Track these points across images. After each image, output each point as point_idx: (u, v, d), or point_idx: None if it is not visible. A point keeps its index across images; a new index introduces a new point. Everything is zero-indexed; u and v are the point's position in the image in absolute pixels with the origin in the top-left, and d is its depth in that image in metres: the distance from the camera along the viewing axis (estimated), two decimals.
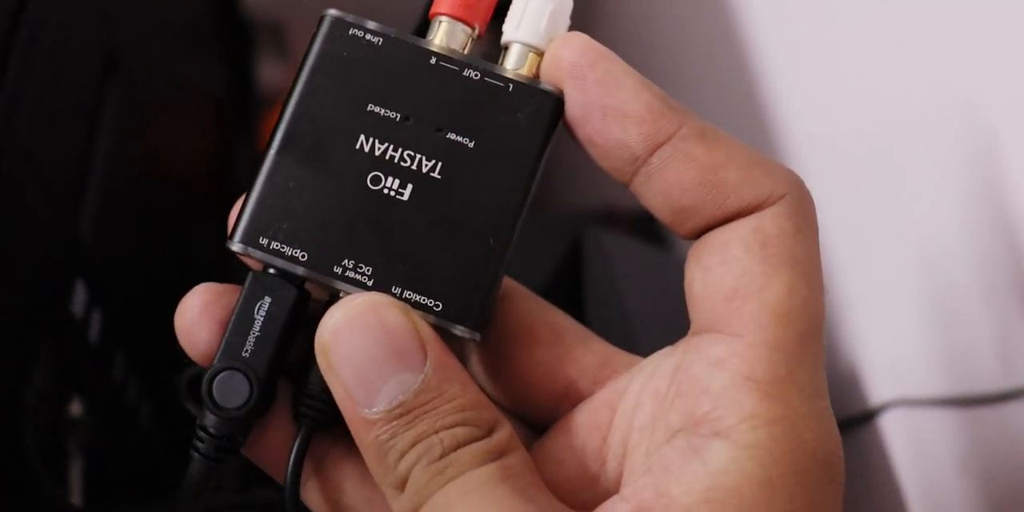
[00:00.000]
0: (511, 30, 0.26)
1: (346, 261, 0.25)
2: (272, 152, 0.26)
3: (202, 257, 0.56)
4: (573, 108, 0.25)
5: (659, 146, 0.25)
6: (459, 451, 0.24)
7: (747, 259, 0.24)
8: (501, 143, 0.26)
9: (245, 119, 0.75)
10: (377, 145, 0.25)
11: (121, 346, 0.39)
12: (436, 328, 0.25)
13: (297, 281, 0.26)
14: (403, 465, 0.24)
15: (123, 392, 0.40)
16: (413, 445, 0.24)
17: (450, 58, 0.26)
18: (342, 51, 0.26)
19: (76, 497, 0.39)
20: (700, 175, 0.25)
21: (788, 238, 0.24)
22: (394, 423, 0.24)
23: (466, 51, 0.26)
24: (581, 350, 0.28)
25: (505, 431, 0.24)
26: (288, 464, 0.26)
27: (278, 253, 0.25)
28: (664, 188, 0.25)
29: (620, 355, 0.28)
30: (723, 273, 0.24)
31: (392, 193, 0.25)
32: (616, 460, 0.26)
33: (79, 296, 0.35)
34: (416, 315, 0.25)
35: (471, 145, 0.26)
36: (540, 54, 0.26)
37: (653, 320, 0.40)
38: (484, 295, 0.26)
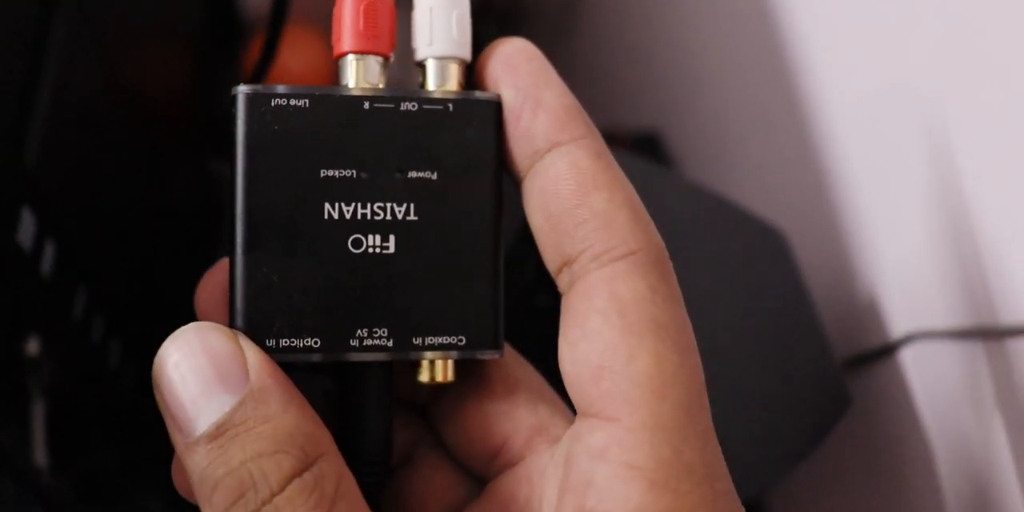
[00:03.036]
0: (424, 46, 0.26)
1: (359, 331, 0.25)
2: (240, 251, 0.24)
3: (176, 186, 0.54)
4: (507, 98, 0.25)
5: (557, 146, 0.25)
6: (276, 498, 0.22)
7: (607, 331, 0.23)
8: (460, 164, 0.25)
9: (227, 47, 0.72)
10: (345, 209, 0.25)
11: (81, 282, 0.36)
12: (464, 359, 0.25)
13: (316, 366, 0.25)
14: (217, 499, 0.22)
15: (86, 330, 0.37)
16: (228, 474, 0.22)
17: (382, 98, 0.25)
18: (272, 125, 0.24)
19: (39, 439, 0.37)
20: (574, 186, 0.24)
21: (646, 302, 0.23)
22: (211, 447, 0.22)
23: (384, 80, 0.26)
24: (525, 409, 0.26)
25: (329, 464, 0.23)
26: None
27: (290, 350, 0.24)
28: (542, 186, 0.25)
29: (559, 420, 0.26)
30: (587, 350, 0.23)
31: (378, 250, 0.25)
32: None
33: (27, 226, 0.32)
34: (244, 339, 0.23)
35: (434, 177, 0.25)
36: (459, 62, 0.26)
37: None
38: (496, 316, 0.25)
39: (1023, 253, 0.34)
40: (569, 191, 0.24)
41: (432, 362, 0.26)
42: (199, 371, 0.23)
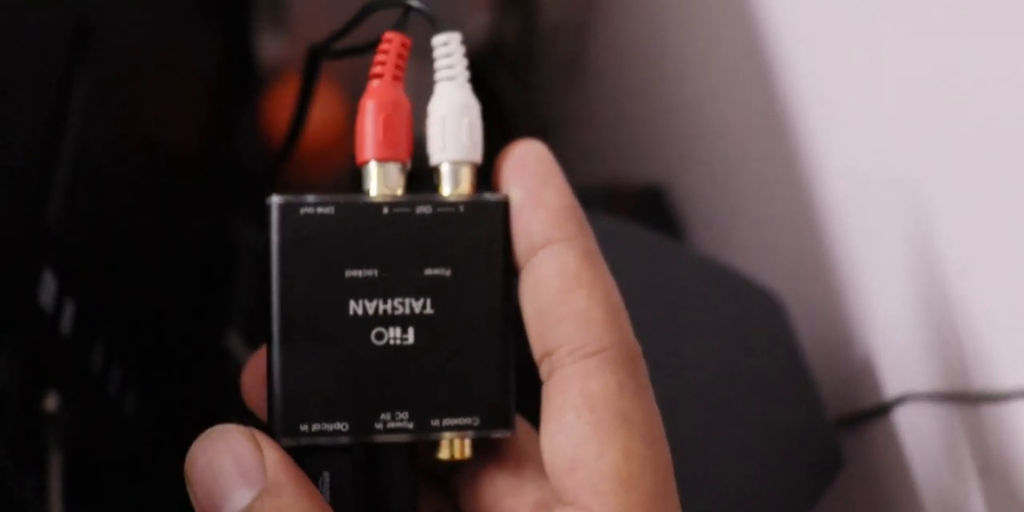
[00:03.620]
0: (438, 152, 0.28)
1: (383, 415, 0.27)
2: (276, 345, 0.27)
3: (196, 235, 0.55)
4: (513, 196, 0.28)
5: (551, 243, 0.27)
6: None
7: (580, 426, 0.25)
8: (472, 261, 0.28)
9: (245, 94, 0.74)
10: (367, 305, 0.27)
11: (99, 336, 0.37)
12: (479, 437, 0.28)
13: (345, 447, 0.28)
14: None
15: (103, 383, 0.38)
16: None
17: (399, 203, 0.28)
18: (301, 232, 0.27)
19: (55, 493, 0.38)
20: (560, 283, 0.26)
21: (614, 397, 0.25)
22: None
23: (403, 183, 0.28)
24: (533, 485, 0.28)
25: None
26: None
27: (321, 433, 0.27)
28: (534, 280, 0.27)
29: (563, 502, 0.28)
30: (563, 442, 0.26)
31: (398, 341, 0.27)
32: None
33: (47, 286, 0.33)
34: (264, 438, 0.26)
35: (448, 274, 0.28)
36: (471, 165, 0.28)
37: (656, 316, 0.38)
38: (507, 397, 0.28)
39: (1005, 320, 0.35)
40: (555, 288, 0.27)
41: (452, 441, 0.28)
42: (223, 468, 0.26)
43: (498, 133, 0.30)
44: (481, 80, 0.29)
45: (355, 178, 0.29)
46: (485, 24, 0.82)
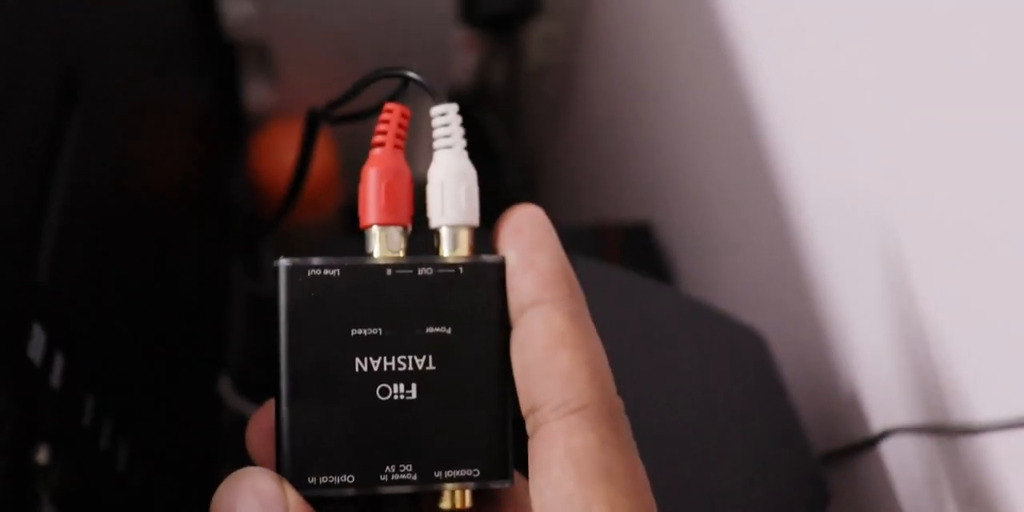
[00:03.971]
0: (437, 216, 0.29)
1: (388, 468, 0.28)
2: (284, 401, 0.28)
3: (188, 280, 0.55)
4: (508, 258, 0.29)
5: (539, 304, 0.28)
6: None
7: (566, 481, 0.26)
8: (471, 319, 0.29)
9: (233, 141, 0.74)
10: (372, 362, 0.28)
11: (89, 388, 0.38)
12: (479, 489, 0.29)
13: (351, 499, 0.28)
14: None
15: (95, 436, 0.39)
16: None
17: (402, 265, 0.29)
18: (309, 292, 0.28)
19: None
20: (546, 342, 0.27)
21: (596, 452, 0.26)
22: None
23: (405, 245, 0.29)
24: None
25: None
26: None
27: (328, 486, 0.28)
28: (522, 338, 0.28)
29: None
30: (552, 498, 0.26)
31: (402, 397, 0.28)
32: None
33: (37, 340, 0.33)
34: (286, 483, 0.27)
35: (449, 331, 0.29)
36: (469, 228, 0.29)
37: (640, 356, 0.39)
38: (507, 450, 0.29)
39: (982, 354, 0.35)
40: (541, 346, 0.28)
41: (453, 492, 0.29)
42: (249, 506, 0.27)
43: (487, 173, 0.31)
44: (469, 120, 0.30)
45: (346, 217, 0.30)
46: (472, 65, 0.83)
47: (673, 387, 0.38)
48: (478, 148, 0.31)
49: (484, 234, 0.30)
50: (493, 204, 0.31)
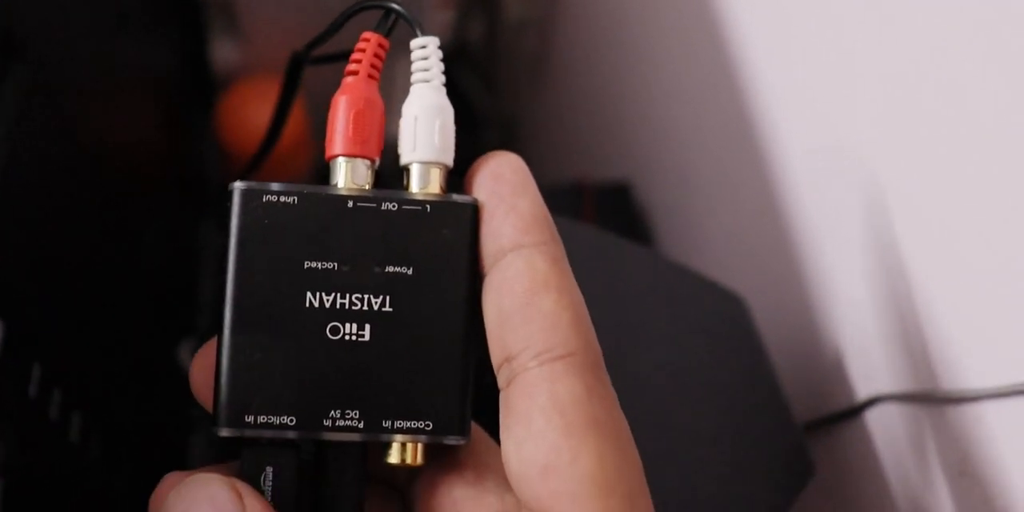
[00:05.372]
0: (408, 152, 0.28)
1: (333, 412, 0.26)
2: (227, 332, 0.26)
3: (157, 245, 0.53)
4: (485, 201, 0.27)
5: (520, 247, 0.26)
6: None
7: (550, 432, 0.25)
8: (435, 261, 0.27)
9: (201, 101, 0.72)
10: (325, 298, 0.27)
11: (35, 357, 0.36)
12: (431, 443, 0.27)
13: (292, 443, 0.27)
14: None
15: (44, 406, 0.37)
16: None
17: (365, 197, 0.27)
18: (263, 219, 0.27)
19: None
20: (528, 285, 0.26)
21: (584, 402, 0.25)
22: None
23: (371, 180, 0.28)
24: (493, 496, 0.27)
25: None
26: None
27: (266, 425, 0.26)
28: (500, 283, 0.26)
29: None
30: (533, 449, 0.25)
31: (354, 337, 0.27)
32: None
33: None
34: (245, 487, 0.25)
35: (410, 272, 0.27)
36: (442, 167, 0.28)
37: (619, 320, 0.37)
38: (463, 404, 0.27)
39: (972, 320, 0.34)
40: (522, 290, 0.26)
41: (404, 445, 0.27)
42: None
43: (465, 133, 0.29)
44: (447, 80, 0.28)
45: (318, 178, 0.28)
46: (448, 22, 0.81)
47: (649, 352, 0.37)
48: (456, 109, 0.29)
49: (458, 184, 0.28)
50: (471, 164, 0.30)
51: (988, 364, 0.33)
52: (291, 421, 0.26)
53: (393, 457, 0.27)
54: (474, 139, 0.82)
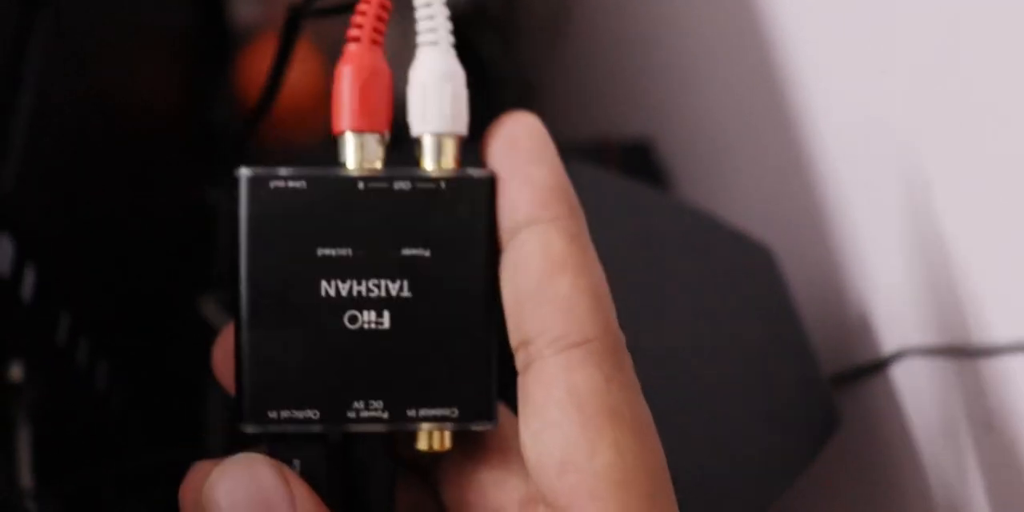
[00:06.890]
0: (418, 122, 0.26)
1: (356, 403, 0.26)
2: (244, 328, 0.26)
3: (171, 198, 0.53)
4: (501, 171, 0.26)
5: (536, 223, 0.25)
6: None
7: (568, 425, 0.24)
8: (453, 241, 0.26)
9: (219, 56, 0.72)
10: (340, 286, 0.26)
11: (64, 303, 0.36)
12: (458, 430, 0.26)
13: (318, 435, 0.26)
14: None
15: (71, 353, 0.37)
16: None
17: (376, 178, 0.26)
18: (271, 206, 0.26)
19: (24, 464, 0.37)
20: (543, 265, 0.25)
21: (602, 393, 0.24)
22: None
23: (382, 155, 0.27)
24: (519, 479, 0.27)
25: None
26: None
27: (291, 420, 0.26)
28: (515, 261, 0.25)
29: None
30: (550, 443, 0.24)
31: (373, 326, 0.26)
32: None
33: (4, 250, 0.32)
34: (289, 472, 0.25)
35: (428, 254, 0.26)
36: (455, 137, 0.26)
37: (643, 270, 0.37)
38: (489, 389, 0.26)
39: (1002, 273, 0.33)
40: (537, 270, 0.25)
41: (431, 432, 0.27)
42: (248, 500, 0.24)
43: (483, 96, 0.28)
44: (465, 40, 0.27)
45: (333, 145, 0.27)
46: None
47: (675, 304, 0.37)
48: (474, 69, 0.27)
49: (474, 150, 0.27)
50: (488, 125, 0.28)
51: (1016, 318, 0.33)
52: (315, 415, 0.26)
53: (421, 444, 0.27)
54: (491, 98, 0.81)
